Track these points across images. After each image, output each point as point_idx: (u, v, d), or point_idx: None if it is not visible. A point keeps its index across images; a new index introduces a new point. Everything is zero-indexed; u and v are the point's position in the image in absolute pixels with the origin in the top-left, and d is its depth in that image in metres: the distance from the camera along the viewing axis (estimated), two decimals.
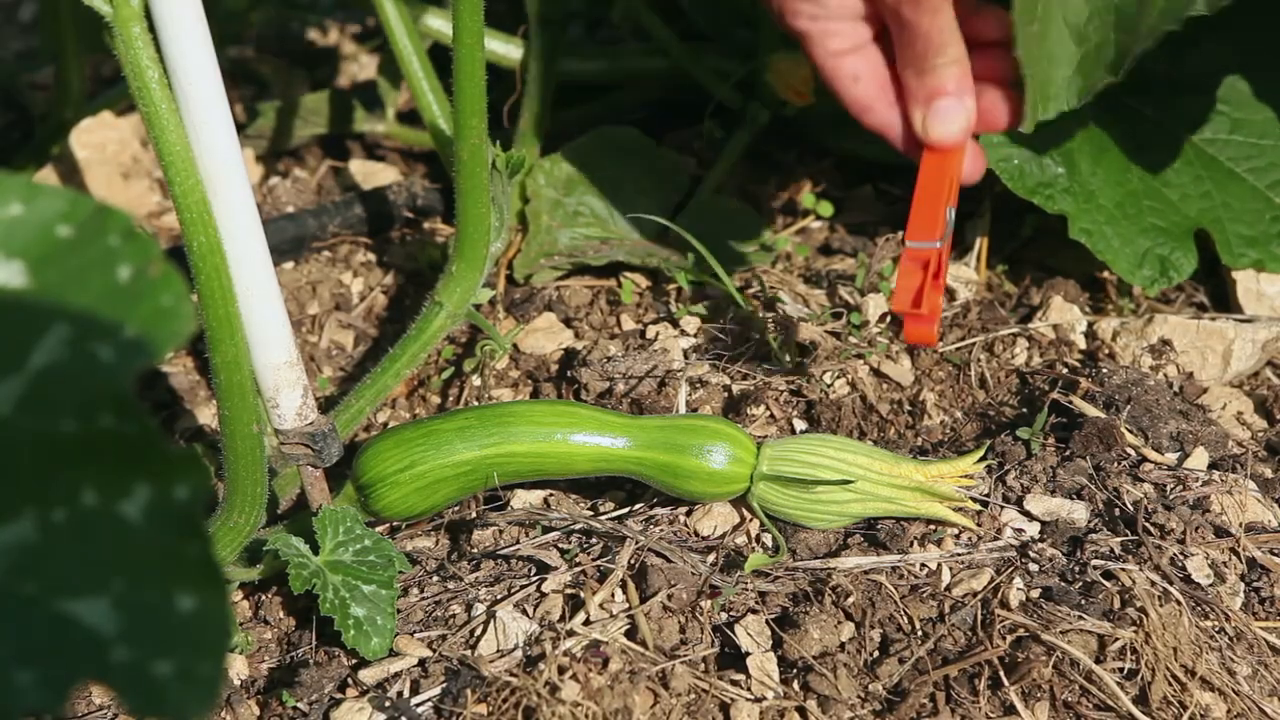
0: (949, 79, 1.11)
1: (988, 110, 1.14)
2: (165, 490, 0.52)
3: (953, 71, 1.11)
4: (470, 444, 1.11)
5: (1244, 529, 1.09)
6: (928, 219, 1.08)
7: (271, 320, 1.04)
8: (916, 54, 1.11)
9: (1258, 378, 1.33)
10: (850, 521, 1.10)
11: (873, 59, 1.16)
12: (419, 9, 1.57)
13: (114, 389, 0.52)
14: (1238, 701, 0.96)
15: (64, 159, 1.66)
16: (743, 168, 1.63)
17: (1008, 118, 1.14)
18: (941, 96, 1.11)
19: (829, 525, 1.10)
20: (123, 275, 0.53)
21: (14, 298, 0.53)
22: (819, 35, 1.15)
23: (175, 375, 1.42)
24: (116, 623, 0.50)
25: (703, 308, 1.38)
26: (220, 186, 0.97)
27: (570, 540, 1.12)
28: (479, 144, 1.16)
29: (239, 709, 1.03)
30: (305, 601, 1.09)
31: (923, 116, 1.12)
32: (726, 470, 1.10)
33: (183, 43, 0.93)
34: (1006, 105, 1.14)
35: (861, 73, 1.15)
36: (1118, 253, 1.35)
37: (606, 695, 0.93)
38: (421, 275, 1.53)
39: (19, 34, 2.23)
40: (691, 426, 1.11)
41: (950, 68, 1.11)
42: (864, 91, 1.16)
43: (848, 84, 1.16)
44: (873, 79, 1.15)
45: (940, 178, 1.11)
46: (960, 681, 0.97)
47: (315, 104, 1.70)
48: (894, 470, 1.08)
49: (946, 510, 1.08)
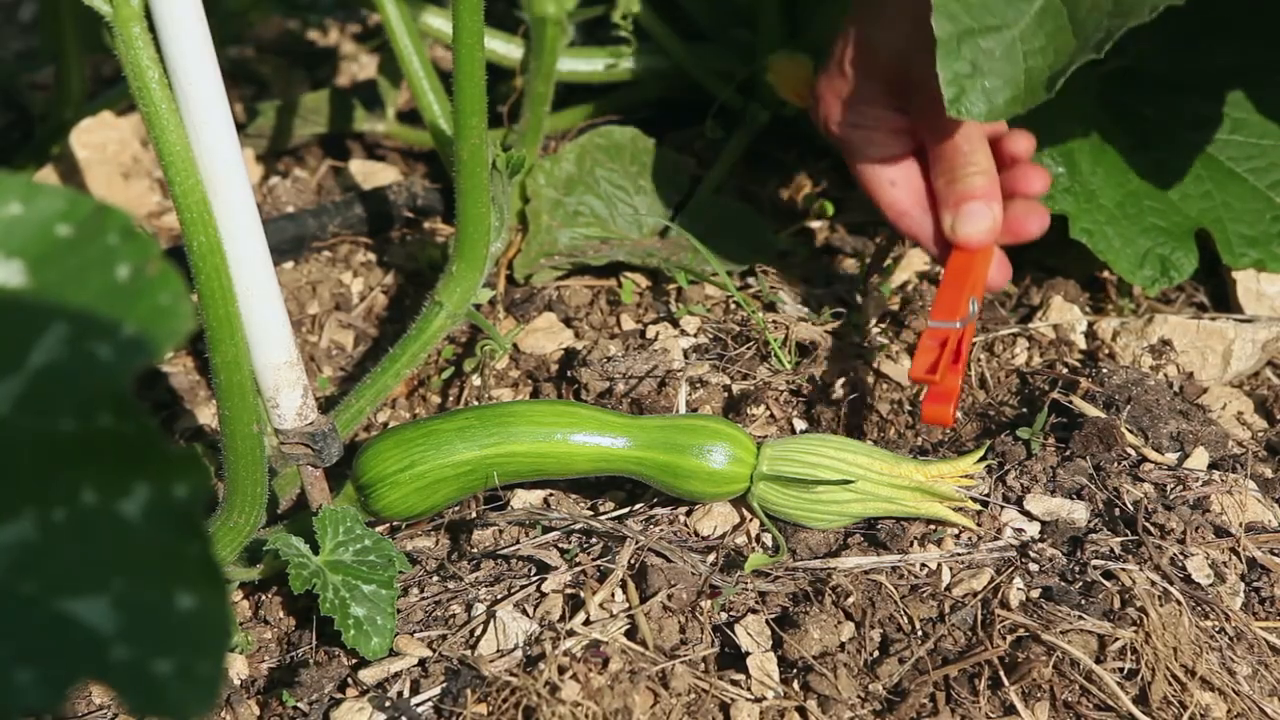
0: (977, 186, 1.20)
1: (1015, 219, 1.22)
2: (165, 490, 0.52)
3: (981, 181, 1.20)
4: (470, 444, 1.11)
5: (1244, 529, 1.09)
6: (950, 302, 1.15)
7: (271, 320, 1.04)
8: (948, 164, 1.21)
9: (1258, 378, 1.33)
10: (850, 521, 1.10)
11: (909, 170, 1.25)
12: (419, 8, 1.57)
13: (113, 388, 0.52)
14: (1238, 701, 0.96)
15: (64, 159, 1.66)
16: (743, 168, 1.63)
17: (1035, 227, 1.22)
18: (970, 201, 1.20)
19: (829, 525, 1.10)
20: (121, 274, 0.53)
21: (13, 297, 0.53)
22: (859, 143, 1.26)
23: (175, 375, 1.42)
24: (116, 622, 0.50)
25: (703, 308, 1.38)
26: (220, 186, 0.97)
27: (570, 540, 1.12)
28: (479, 144, 1.16)
29: (239, 709, 1.03)
30: (305, 601, 1.09)
31: (952, 219, 1.21)
32: (726, 470, 1.10)
33: (183, 43, 0.93)
34: (1034, 216, 1.22)
35: (898, 180, 1.25)
36: (1118, 253, 1.35)
37: (606, 695, 0.93)
38: (421, 275, 1.53)
39: (19, 34, 2.23)
40: (691, 426, 1.11)
41: (978, 177, 1.20)
42: (899, 197, 1.25)
43: (885, 189, 1.26)
44: (908, 187, 1.25)
45: (965, 271, 1.18)
46: (960, 681, 0.97)
47: (315, 103, 1.70)
48: (894, 470, 1.08)
49: (946, 510, 1.08)
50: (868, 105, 1.24)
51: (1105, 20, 1.08)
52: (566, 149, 1.50)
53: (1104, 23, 1.08)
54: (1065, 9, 1.10)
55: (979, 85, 1.11)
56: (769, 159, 1.66)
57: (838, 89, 1.25)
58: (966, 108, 1.11)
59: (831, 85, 1.25)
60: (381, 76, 1.72)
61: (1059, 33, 1.10)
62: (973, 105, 1.11)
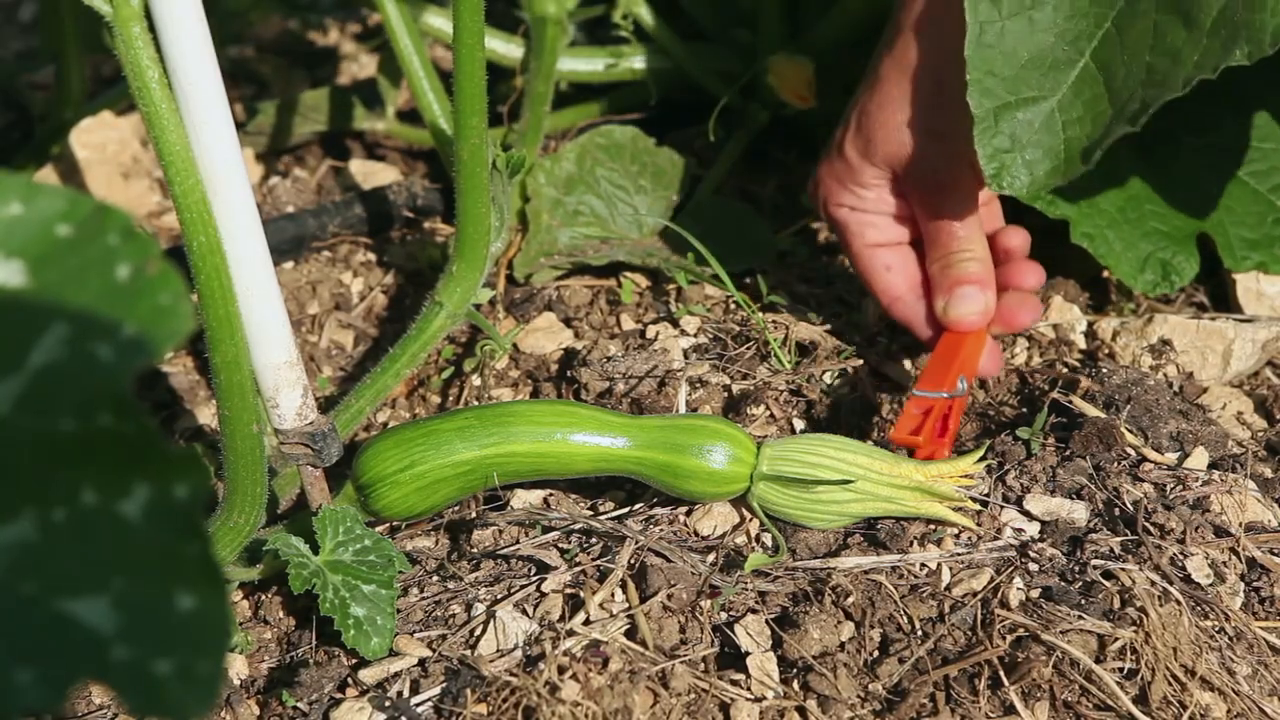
0: (972, 272, 1.21)
1: (1008, 309, 1.23)
2: (165, 490, 0.52)
3: (976, 267, 1.21)
4: (470, 444, 1.11)
5: (1244, 529, 1.09)
6: (938, 374, 1.15)
7: (271, 320, 1.04)
8: (943, 250, 1.22)
9: (1258, 377, 1.33)
10: (850, 521, 1.10)
11: (906, 256, 1.26)
12: (419, 8, 1.57)
13: (113, 388, 0.52)
14: (1238, 701, 0.96)
15: (64, 159, 1.67)
16: (743, 168, 1.63)
17: (1027, 317, 1.23)
18: (964, 285, 1.21)
19: (829, 525, 1.10)
20: (121, 274, 0.53)
21: (13, 297, 0.53)
22: (857, 226, 1.26)
23: (175, 375, 1.42)
24: (116, 622, 0.50)
25: (703, 308, 1.38)
26: (220, 186, 0.97)
27: (570, 540, 1.12)
28: (479, 144, 1.16)
29: (239, 709, 1.03)
30: (305, 601, 1.09)
31: (945, 301, 1.21)
32: (726, 470, 1.10)
33: (183, 43, 0.93)
34: (1027, 307, 1.23)
35: (894, 265, 1.26)
36: (1120, 257, 1.35)
37: (606, 695, 0.93)
38: (421, 275, 1.53)
39: (19, 34, 2.23)
40: (691, 426, 1.11)
41: (974, 263, 1.21)
42: (895, 282, 1.26)
43: (880, 273, 1.26)
44: (903, 273, 1.26)
45: (956, 349, 1.18)
46: (960, 681, 0.97)
47: (315, 100, 1.70)
48: (894, 470, 1.08)
49: (946, 510, 1.08)
50: (868, 189, 1.24)
51: (1140, 90, 1.07)
52: (567, 148, 1.50)
53: (1138, 92, 1.07)
54: (1102, 77, 1.09)
55: (1019, 159, 1.10)
56: (769, 159, 1.66)
57: (838, 172, 1.25)
58: (1008, 182, 1.10)
59: (832, 168, 1.25)
60: (381, 76, 1.72)
61: (1096, 101, 1.09)
62: (1014, 179, 1.10)
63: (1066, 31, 1.09)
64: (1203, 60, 1.05)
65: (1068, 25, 1.09)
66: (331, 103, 1.71)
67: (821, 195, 1.27)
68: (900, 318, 1.26)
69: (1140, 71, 1.07)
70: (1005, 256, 1.25)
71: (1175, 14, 1.06)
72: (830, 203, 1.26)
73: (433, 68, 1.51)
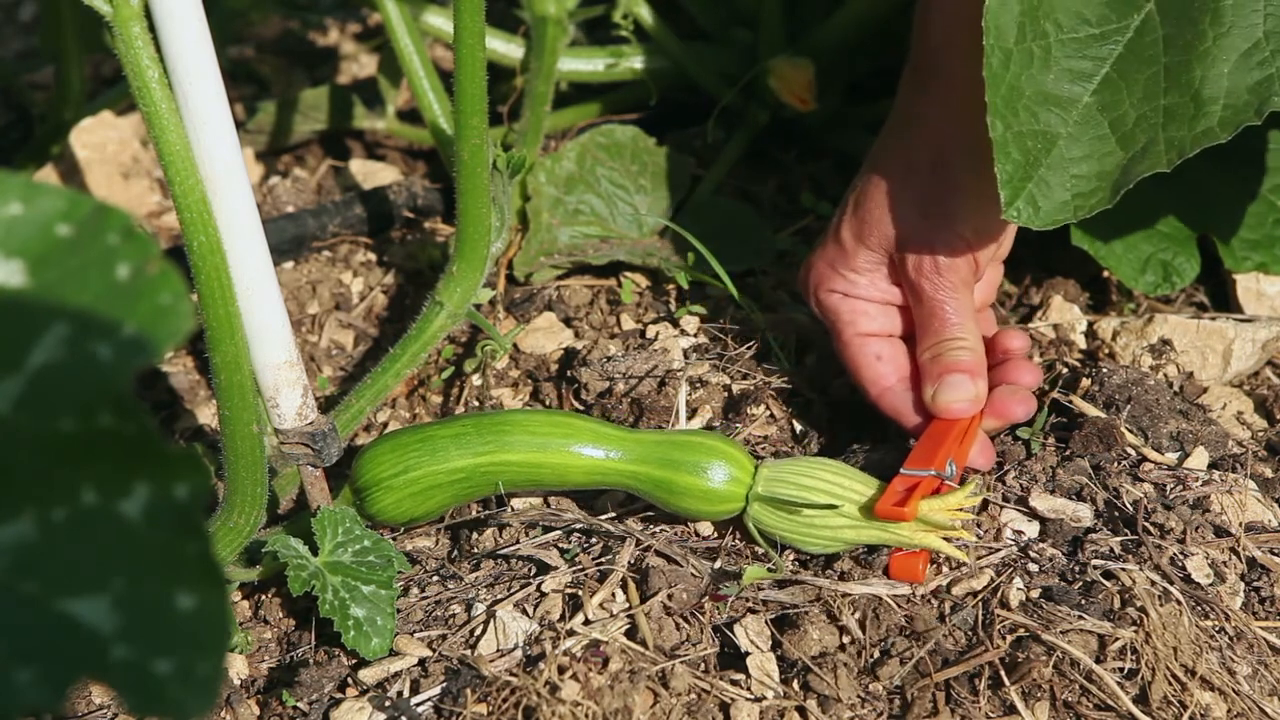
0: (963, 360, 1.16)
1: (1001, 401, 1.17)
2: (165, 489, 0.52)
3: (967, 356, 1.16)
4: (465, 451, 1.10)
5: (1244, 529, 1.09)
6: (926, 454, 1.10)
7: (271, 320, 1.04)
8: (935, 336, 1.17)
9: (1258, 377, 1.33)
10: (844, 547, 1.08)
11: (897, 347, 1.21)
12: (420, 7, 1.57)
13: (113, 388, 0.52)
14: (1238, 701, 0.96)
15: (64, 159, 1.67)
16: (743, 168, 1.63)
17: (1020, 411, 1.17)
18: (954, 373, 1.15)
19: (823, 550, 1.08)
20: (121, 274, 0.53)
21: (13, 297, 0.53)
22: (849, 315, 1.21)
23: (175, 375, 1.42)
24: (116, 621, 0.50)
25: (703, 308, 1.38)
26: (220, 186, 0.97)
27: (570, 540, 1.12)
28: (480, 144, 1.16)
29: (239, 709, 1.03)
30: (305, 601, 1.08)
31: (934, 389, 1.16)
32: (722, 489, 1.08)
33: (183, 42, 0.93)
34: (1021, 401, 1.17)
35: (884, 355, 1.20)
36: (1120, 259, 1.35)
37: (606, 695, 0.93)
38: (421, 275, 1.53)
39: (19, 34, 2.23)
40: (689, 443, 1.10)
41: (965, 352, 1.16)
42: (884, 373, 1.20)
43: (870, 361, 1.21)
44: (893, 363, 1.20)
45: (945, 435, 1.13)
46: (960, 681, 0.97)
47: (315, 99, 1.70)
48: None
49: (939, 541, 1.05)
50: (861, 274, 1.20)
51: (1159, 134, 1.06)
52: (568, 147, 1.50)
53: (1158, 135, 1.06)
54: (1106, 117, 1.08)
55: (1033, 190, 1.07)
56: (769, 159, 1.66)
57: (831, 256, 1.22)
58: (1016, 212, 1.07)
59: (826, 253, 1.22)
60: (382, 75, 1.72)
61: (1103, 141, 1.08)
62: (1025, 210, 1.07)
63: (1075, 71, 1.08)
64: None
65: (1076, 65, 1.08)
66: (331, 102, 1.71)
67: (813, 281, 1.23)
68: (888, 408, 1.20)
69: (1156, 114, 1.06)
70: (1005, 356, 1.21)
71: None
72: (822, 288, 1.22)
73: (433, 67, 1.51)
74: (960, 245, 1.15)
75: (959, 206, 1.15)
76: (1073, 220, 1.07)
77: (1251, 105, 1.04)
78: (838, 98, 1.62)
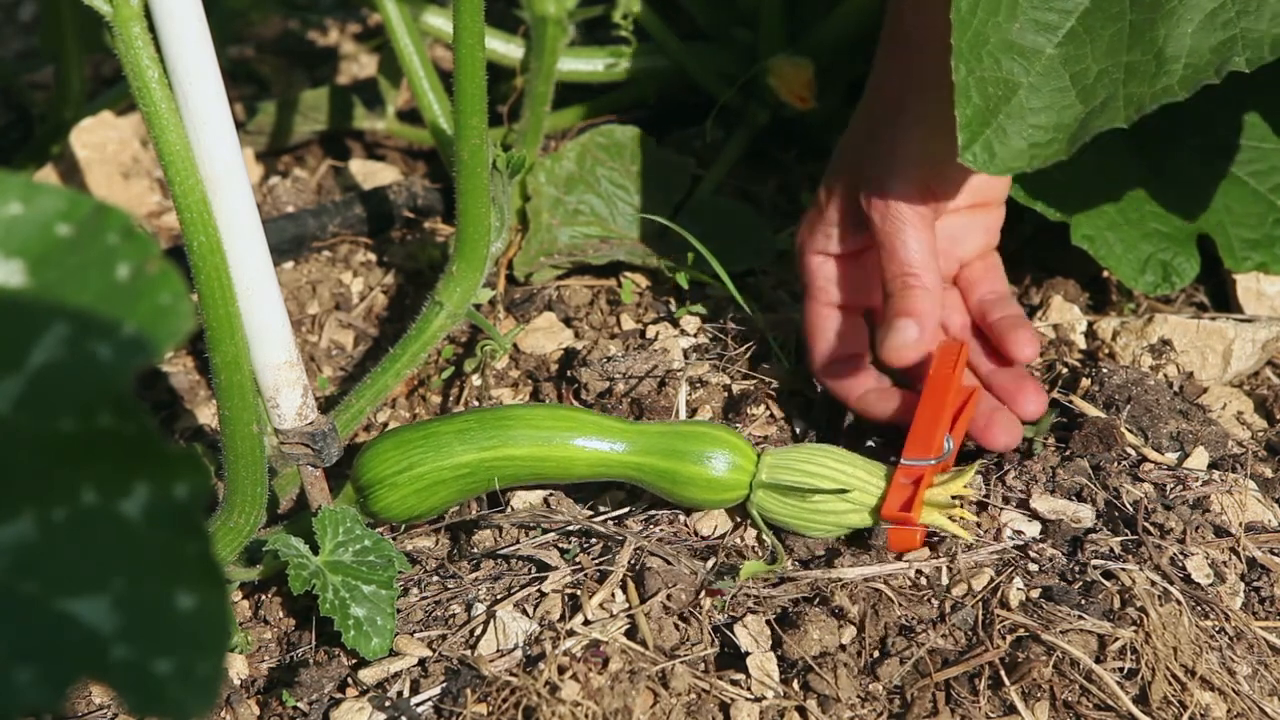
0: (911, 303, 1.12)
1: (992, 423, 1.14)
2: (165, 489, 0.52)
3: (922, 300, 1.12)
4: (469, 446, 1.11)
5: (1244, 529, 1.09)
6: (923, 439, 1.09)
7: (271, 320, 1.04)
8: (888, 272, 1.14)
9: (1258, 377, 1.33)
10: (847, 532, 1.09)
11: (859, 329, 1.20)
12: (419, 7, 1.58)
13: (113, 388, 0.52)
14: (1238, 701, 0.96)
15: (64, 159, 1.67)
16: (743, 168, 1.63)
17: (1003, 439, 1.14)
18: (900, 317, 1.12)
19: (827, 535, 1.09)
20: (121, 274, 0.53)
21: (13, 297, 0.53)
22: (823, 280, 1.22)
23: (175, 375, 1.42)
24: (116, 621, 0.50)
25: (703, 308, 1.38)
26: (220, 186, 0.97)
27: (570, 540, 1.12)
28: (479, 144, 1.16)
29: (239, 708, 1.03)
30: (305, 601, 1.09)
31: (883, 334, 1.13)
32: (726, 477, 1.09)
33: (183, 42, 0.93)
34: (1007, 429, 1.14)
35: (842, 332, 1.20)
36: (1120, 258, 1.34)
37: (606, 695, 0.93)
38: (421, 275, 1.53)
39: (19, 34, 2.23)
40: (692, 433, 1.11)
41: (915, 291, 1.12)
42: (833, 348, 1.20)
43: (823, 333, 1.21)
44: (845, 342, 1.20)
45: (938, 404, 1.11)
46: (960, 681, 0.97)
47: (315, 100, 1.70)
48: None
49: (943, 519, 1.06)
50: (836, 228, 1.20)
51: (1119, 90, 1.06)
52: (568, 147, 1.50)
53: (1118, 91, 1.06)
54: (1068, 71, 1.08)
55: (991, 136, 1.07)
56: (769, 159, 1.66)
57: (812, 217, 1.22)
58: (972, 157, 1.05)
59: (809, 216, 1.23)
60: (381, 76, 1.72)
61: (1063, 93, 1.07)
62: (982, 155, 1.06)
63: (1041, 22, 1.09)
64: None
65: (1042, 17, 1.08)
66: (331, 102, 1.71)
67: (799, 245, 1.24)
68: (828, 385, 1.20)
69: (1117, 70, 1.07)
70: (1009, 360, 1.19)
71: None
72: (806, 251, 1.23)
73: (433, 67, 1.51)
74: (912, 180, 1.14)
75: (912, 142, 1.14)
76: (1027, 169, 1.06)
77: (1212, 65, 1.04)
78: (838, 97, 1.62)
